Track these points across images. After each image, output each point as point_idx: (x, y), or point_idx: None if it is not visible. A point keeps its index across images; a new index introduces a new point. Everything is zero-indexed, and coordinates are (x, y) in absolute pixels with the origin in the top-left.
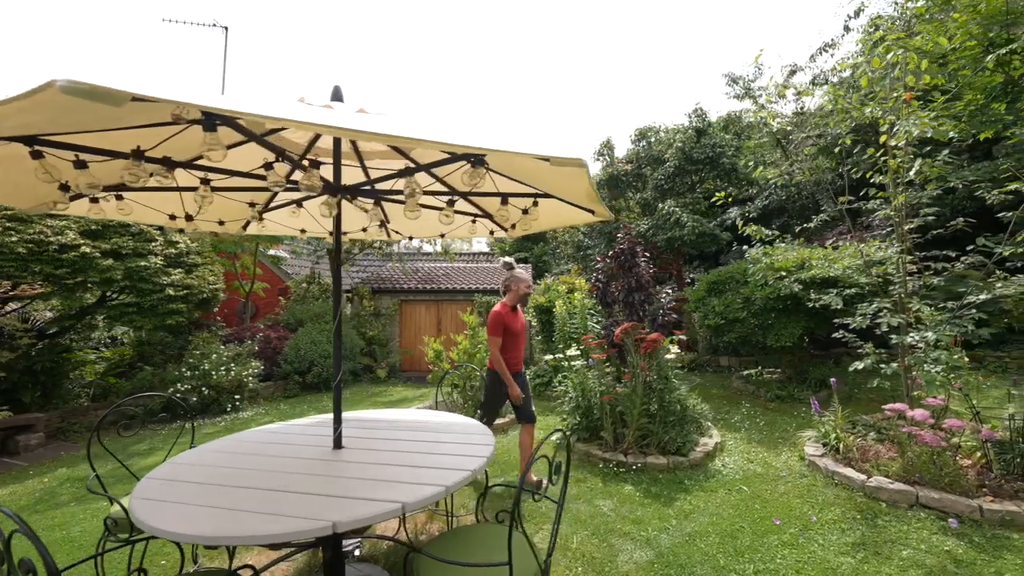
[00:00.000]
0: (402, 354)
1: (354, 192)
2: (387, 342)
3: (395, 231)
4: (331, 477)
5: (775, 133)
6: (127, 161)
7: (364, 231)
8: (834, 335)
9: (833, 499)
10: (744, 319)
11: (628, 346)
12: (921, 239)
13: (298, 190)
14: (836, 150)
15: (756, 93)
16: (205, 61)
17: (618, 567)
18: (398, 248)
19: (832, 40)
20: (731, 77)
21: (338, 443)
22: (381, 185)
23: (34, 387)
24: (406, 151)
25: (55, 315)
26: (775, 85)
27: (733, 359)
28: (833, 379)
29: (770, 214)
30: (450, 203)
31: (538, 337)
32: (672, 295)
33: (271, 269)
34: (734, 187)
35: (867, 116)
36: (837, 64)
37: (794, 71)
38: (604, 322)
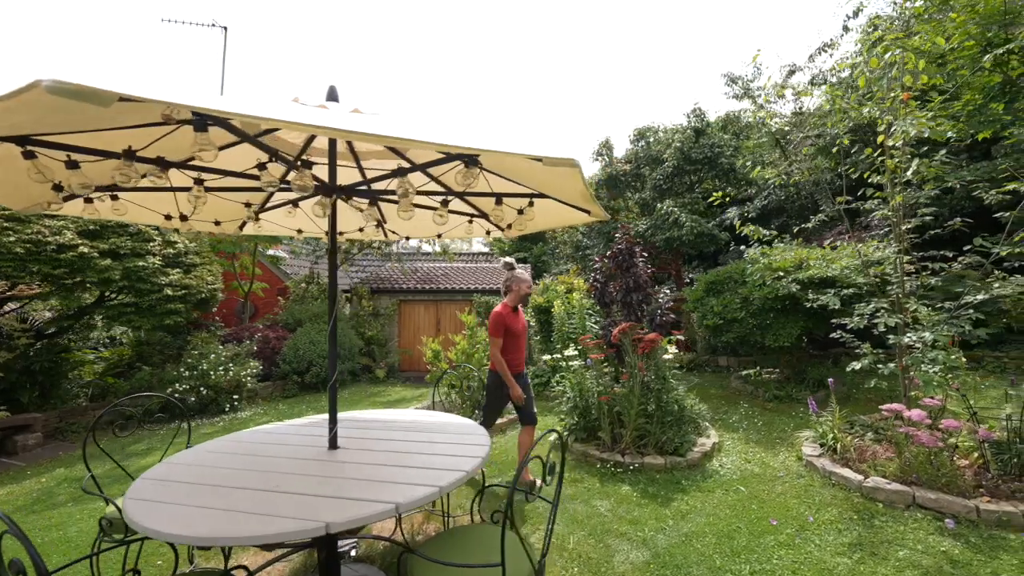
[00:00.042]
0: (401, 354)
1: (349, 192)
2: (386, 342)
3: (392, 231)
4: (326, 477)
5: (774, 133)
6: (118, 161)
7: (361, 231)
8: (832, 335)
9: (830, 499)
10: (742, 319)
11: (626, 346)
12: (919, 239)
13: (292, 190)
14: (834, 150)
15: (755, 93)
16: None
17: (614, 567)
18: (397, 248)
19: (831, 40)
20: (730, 77)
21: (333, 443)
22: (377, 185)
23: (32, 387)
24: (402, 151)
25: (54, 315)
26: (773, 85)
27: (732, 359)
28: (831, 379)
29: (769, 214)
30: (444, 203)
31: (537, 337)
32: (670, 295)
33: (270, 269)
34: (733, 187)
35: (865, 116)
36: (836, 64)
37: (793, 71)
38: (602, 322)
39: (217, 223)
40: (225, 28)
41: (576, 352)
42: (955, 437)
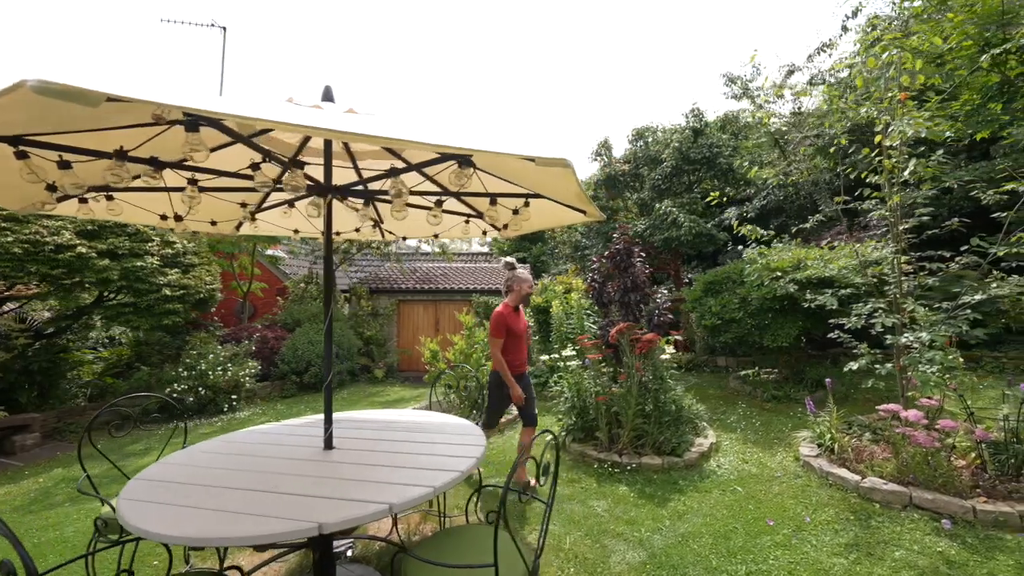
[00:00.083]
0: (400, 354)
1: (344, 192)
2: (385, 342)
3: (389, 231)
4: (320, 478)
5: (773, 133)
6: (110, 161)
7: (357, 231)
8: (831, 335)
9: (827, 500)
10: (741, 319)
11: (623, 346)
12: (916, 239)
13: (285, 190)
14: (832, 150)
15: (754, 93)
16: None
17: (610, 568)
18: (396, 248)
19: (830, 40)
20: (729, 77)
21: (329, 443)
22: (373, 185)
23: (31, 387)
24: (398, 151)
25: (52, 315)
26: (772, 85)
27: (730, 359)
28: (828, 379)
29: (768, 214)
30: (438, 203)
31: (535, 337)
32: (669, 295)
33: (269, 269)
34: (731, 187)
35: (863, 116)
36: (834, 64)
37: (792, 71)
38: (600, 322)
39: (213, 223)
40: (224, 28)
41: (574, 352)
42: (952, 437)
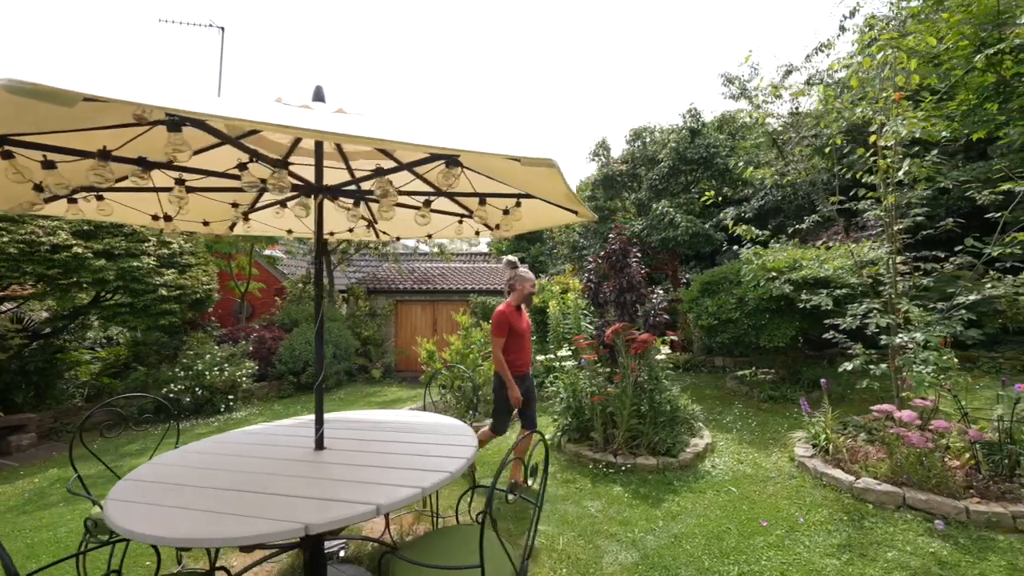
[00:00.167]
0: (397, 354)
1: (334, 192)
2: (382, 342)
3: (383, 232)
4: (310, 478)
5: (771, 133)
6: (93, 161)
7: (351, 231)
8: (827, 336)
9: (821, 500)
10: (737, 320)
11: (619, 347)
12: (911, 239)
13: (269, 190)
14: (827, 150)
15: (752, 93)
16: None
17: (603, 568)
18: (394, 248)
19: (828, 40)
20: (727, 77)
21: (320, 444)
22: (365, 185)
23: (27, 387)
24: (390, 151)
25: (49, 315)
26: (768, 86)
27: (728, 359)
28: (823, 380)
29: (766, 214)
30: (426, 203)
31: (533, 338)
32: (666, 295)
33: (267, 269)
34: (729, 187)
35: (858, 116)
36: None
37: (790, 71)
38: (597, 322)
39: (206, 223)
40: (222, 28)
41: (570, 352)
42: (946, 438)
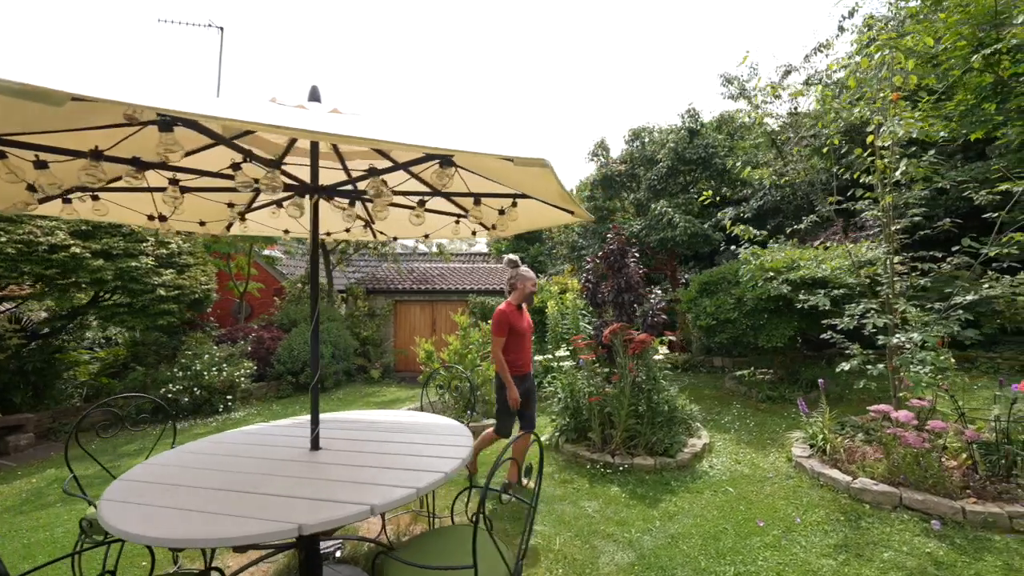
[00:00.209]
0: (396, 354)
1: (329, 192)
2: (381, 342)
3: (380, 232)
4: (304, 479)
5: (770, 134)
6: (84, 161)
7: (347, 231)
8: (824, 336)
9: (818, 500)
10: (736, 320)
11: (617, 347)
12: (909, 240)
13: (261, 190)
14: (825, 151)
15: (751, 93)
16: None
17: (599, 569)
18: (393, 248)
19: (827, 40)
20: (726, 77)
21: (315, 444)
22: (361, 185)
23: (25, 387)
24: (386, 151)
25: (48, 315)
26: (766, 86)
27: (726, 360)
28: (821, 380)
29: (765, 214)
30: (421, 203)
31: (532, 338)
32: (664, 296)
33: (266, 269)
34: (728, 187)
35: (856, 117)
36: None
37: (789, 71)
38: (595, 323)
39: (202, 223)
40: (221, 28)
41: (568, 353)
42: (943, 438)
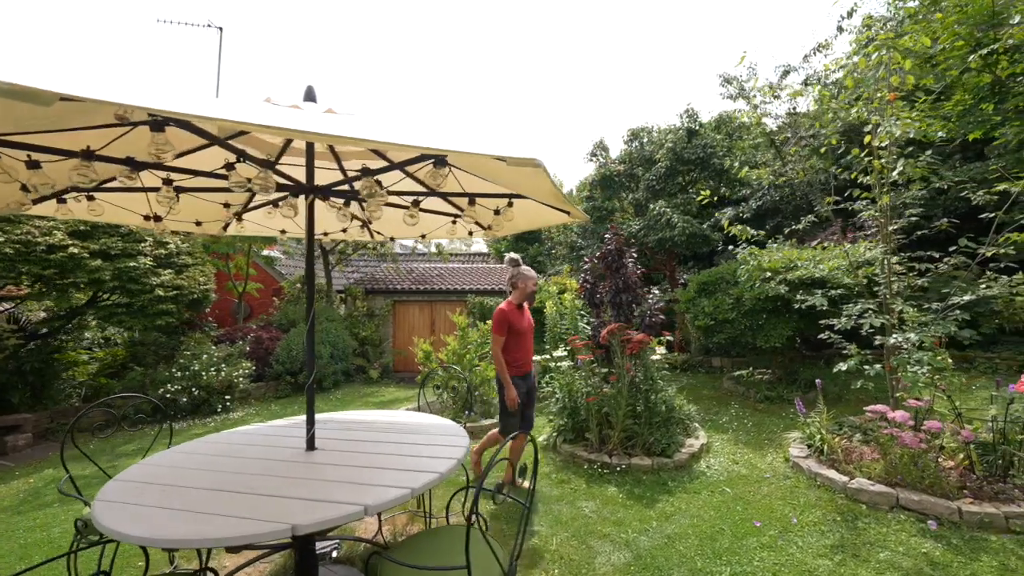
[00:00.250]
0: (395, 355)
1: (324, 192)
2: (380, 343)
3: (377, 232)
4: (299, 479)
5: (768, 134)
6: (76, 161)
7: (344, 231)
8: (821, 336)
9: (815, 501)
10: (734, 320)
11: (614, 347)
12: (906, 240)
13: (253, 190)
14: (822, 151)
15: (750, 94)
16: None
17: (595, 569)
18: (392, 249)
19: (825, 40)
20: (725, 77)
21: (311, 444)
22: (357, 185)
23: (23, 388)
24: (382, 151)
25: (47, 316)
26: (764, 86)
27: (725, 360)
28: (818, 380)
29: (764, 214)
30: (415, 203)
31: None
32: (663, 296)
33: (265, 270)
34: (726, 188)
35: (854, 117)
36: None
37: (787, 71)
38: (593, 323)
39: (198, 223)
40: (220, 29)
41: (565, 353)
42: (940, 439)
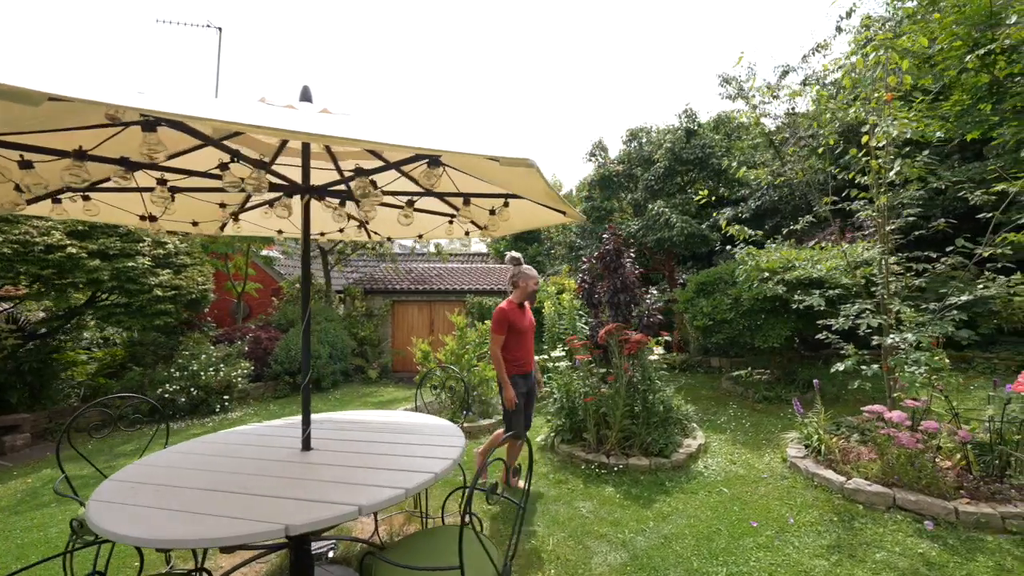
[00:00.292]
0: (394, 355)
1: (320, 192)
2: (379, 343)
3: (374, 232)
4: (294, 479)
5: (768, 134)
6: (68, 161)
7: (341, 231)
8: (818, 336)
9: (812, 501)
10: (732, 320)
11: (612, 347)
12: (904, 240)
13: (246, 190)
14: (820, 151)
15: (749, 94)
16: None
17: (591, 569)
18: (391, 249)
19: (824, 41)
20: (724, 77)
21: (307, 444)
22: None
23: (22, 387)
24: (377, 151)
25: (46, 316)
26: (762, 87)
27: (724, 360)
28: (816, 380)
29: (763, 214)
30: (409, 203)
31: None
32: (662, 296)
33: (264, 270)
34: (725, 188)
35: (851, 117)
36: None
37: (786, 71)
38: (591, 323)
39: (195, 223)
40: (220, 29)
41: (563, 353)
42: (936, 439)
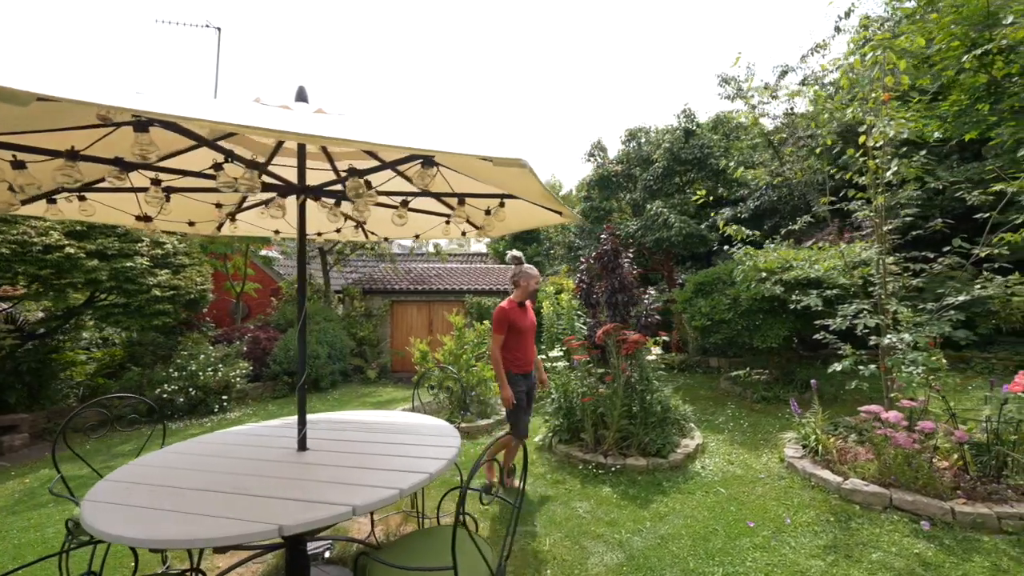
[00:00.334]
0: (393, 355)
1: (316, 192)
2: (378, 343)
3: (371, 232)
4: (289, 479)
5: (766, 134)
6: (60, 161)
7: (338, 231)
8: (816, 336)
9: (809, 501)
10: (730, 320)
11: (610, 347)
12: (902, 240)
13: (239, 190)
14: (818, 151)
15: (747, 94)
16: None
17: (588, 569)
18: (391, 249)
19: (823, 41)
20: (723, 77)
21: (302, 445)
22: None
23: (20, 388)
24: (373, 151)
25: (44, 316)
26: (760, 87)
27: (723, 360)
28: (813, 380)
29: (762, 215)
30: (404, 203)
31: None
32: (660, 296)
33: (263, 270)
34: (724, 188)
35: (849, 117)
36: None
37: (785, 72)
38: (589, 323)
39: (191, 224)
40: (219, 29)
41: (561, 353)
42: (934, 439)
